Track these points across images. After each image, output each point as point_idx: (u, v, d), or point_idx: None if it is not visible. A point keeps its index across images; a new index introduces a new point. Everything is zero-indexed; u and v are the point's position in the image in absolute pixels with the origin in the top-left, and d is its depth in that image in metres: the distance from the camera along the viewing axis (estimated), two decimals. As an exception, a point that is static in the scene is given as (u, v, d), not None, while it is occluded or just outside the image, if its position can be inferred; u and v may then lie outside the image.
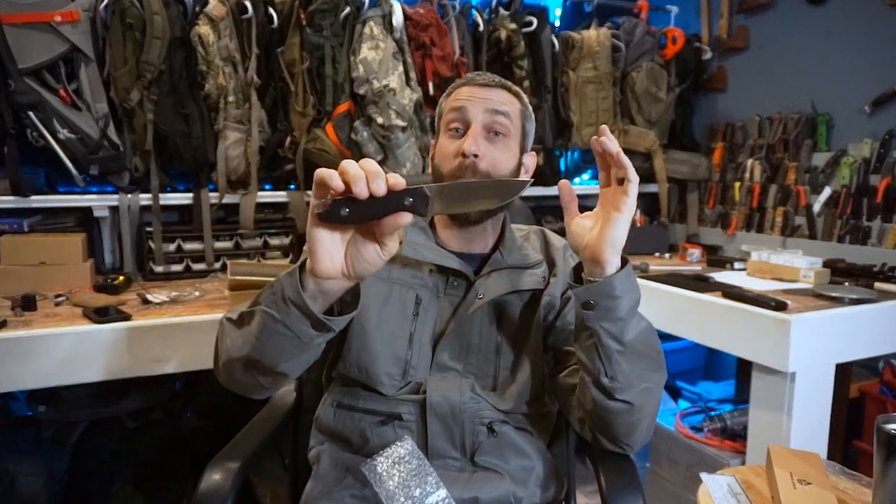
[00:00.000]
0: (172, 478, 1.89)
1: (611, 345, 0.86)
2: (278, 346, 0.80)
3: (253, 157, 2.00)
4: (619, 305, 0.84)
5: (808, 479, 1.00)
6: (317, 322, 0.76)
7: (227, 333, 0.89)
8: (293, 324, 0.77)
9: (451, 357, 1.00)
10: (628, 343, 0.86)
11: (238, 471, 0.95)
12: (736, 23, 2.61)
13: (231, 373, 0.90)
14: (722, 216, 2.61)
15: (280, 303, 0.76)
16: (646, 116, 2.58)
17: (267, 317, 0.78)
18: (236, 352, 0.85)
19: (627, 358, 0.87)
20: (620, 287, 0.83)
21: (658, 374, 0.93)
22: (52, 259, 1.75)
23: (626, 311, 0.85)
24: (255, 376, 0.87)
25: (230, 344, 0.87)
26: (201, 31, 1.87)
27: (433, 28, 2.14)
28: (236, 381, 0.91)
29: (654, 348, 0.92)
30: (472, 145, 0.97)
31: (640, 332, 0.88)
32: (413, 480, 0.89)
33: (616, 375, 0.87)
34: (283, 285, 0.77)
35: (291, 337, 0.78)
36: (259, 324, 0.80)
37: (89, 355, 1.41)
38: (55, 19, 1.74)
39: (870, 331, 1.67)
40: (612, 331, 0.85)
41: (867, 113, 2.14)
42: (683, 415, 2.11)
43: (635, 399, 0.89)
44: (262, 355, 0.82)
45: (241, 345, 0.84)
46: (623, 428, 0.93)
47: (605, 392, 0.89)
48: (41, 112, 1.76)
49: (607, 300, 0.84)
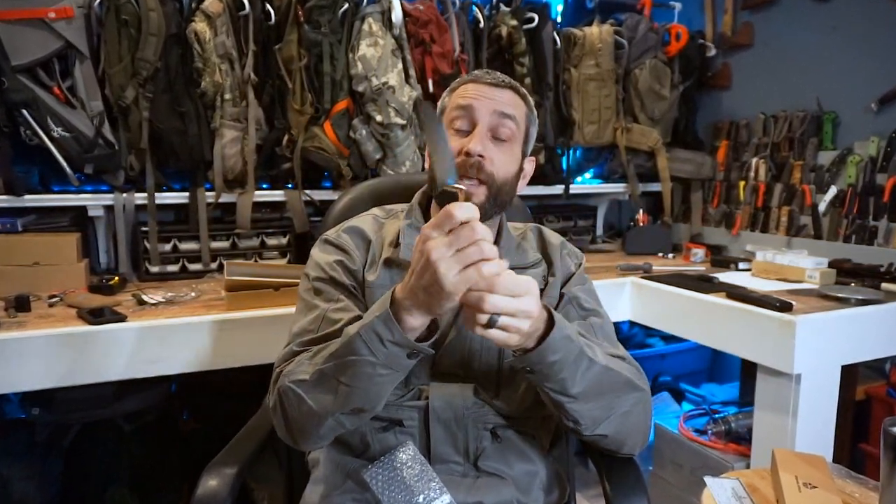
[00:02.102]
0: (168, 481, 1.89)
1: (560, 399, 0.87)
2: (379, 387, 0.83)
3: (250, 155, 1.99)
4: (555, 369, 0.84)
5: (813, 482, 1.00)
6: (413, 352, 0.80)
7: (305, 398, 0.87)
8: (392, 361, 0.80)
9: (453, 363, 0.99)
10: (578, 394, 0.87)
11: (235, 476, 0.95)
12: (740, 19, 2.60)
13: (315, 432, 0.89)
14: (726, 215, 2.59)
15: (376, 345, 0.79)
16: (649, 114, 2.56)
17: (364, 364, 0.80)
18: (330, 408, 0.85)
19: (582, 404, 0.88)
20: (554, 350, 0.82)
21: (633, 395, 0.94)
22: (46, 259, 1.74)
23: (568, 370, 0.84)
24: (345, 424, 0.88)
25: (316, 406, 0.86)
26: (197, 28, 1.86)
27: (433, 24, 2.13)
28: (319, 436, 0.91)
29: (618, 381, 0.92)
30: (479, 145, 0.96)
31: (593, 378, 0.88)
32: (416, 486, 0.89)
33: (577, 419, 0.89)
34: (376, 331, 0.78)
35: (392, 373, 0.82)
36: (354, 374, 0.81)
37: (84, 357, 1.40)
38: (49, 16, 1.72)
39: (876, 332, 1.66)
40: (557, 388, 0.86)
41: (874, 111, 2.12)
42: (687, 417, 2.09)
43: (609, 429, 0.92)
44: (364, 401, 0.84)
45: (335, 399, 0.84)
46: (610, 448, 0.97)
47: (574, 431, 0.92)
48: (35, 110, 1.75)
49: (543, 367, 0.83)
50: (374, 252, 1.03)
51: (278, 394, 0.90)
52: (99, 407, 1.76)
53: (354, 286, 1.00)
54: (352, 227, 1.06)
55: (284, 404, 0.89)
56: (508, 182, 1.01)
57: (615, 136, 2.54)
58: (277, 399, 0.91)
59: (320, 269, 1.01)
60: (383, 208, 1.14)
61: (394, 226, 1.06)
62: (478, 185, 0.97)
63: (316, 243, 1.08)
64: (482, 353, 0.99)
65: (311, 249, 1.07)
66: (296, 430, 0.90)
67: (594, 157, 2.68)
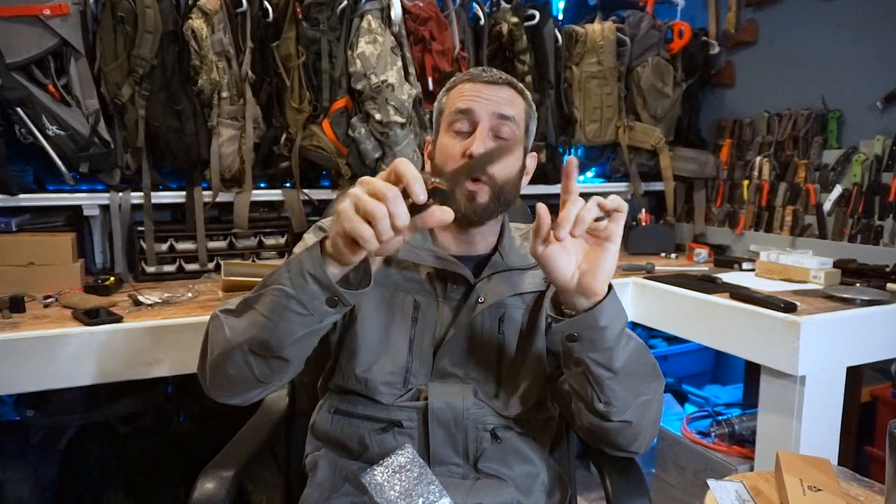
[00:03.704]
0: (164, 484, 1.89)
1: (601, 373, 0.86)
2: (290, 324, 0.79)
3: (247, 154, 1.98)
4: (605, 335, 0.82)
5: (818, 485, 1.00)
6: (331, 298, 0.77)
7: (224, 324, 0.87)
8: (308, 299, 0.77)
9: (452, 363, 0.99)
10: (619, 369, 0.86)
11: (232, 479, 0.95)
12: (744, 16, 2.58)
13: (223, 366, 0.87)
14: (730, 215, 2.58)
15: (297, 277, 0.77)
16: (651, 112, 2.55)
17: (280, 294, 0.78)
18: (239, 337, 0.83)
19: (620, 381, 0.87)
20: (607, 316, 0.81)
21: (655, 383, 0.93)
22: (40, 259, 1.73)
23: (614, 339, 0.83)
24: (252, 367, 0.84)
25: (229, 332, 0.85)
26: (194, 25, 1.85)
27: (433, 22, 2.12)
28: (227, 377, 0.88)
29: (648, 363, 0.92)
30: (481, 147, 0.96)
31: (631, 354, 0.87)
32: (415, 489, 0.89)
33: (611, 400, 0.88)
34: (300, 260, 0.77)
35: (305, 314, 0.78)
36: (270, 303, 0.79)
37: (79, 358, 1.39)
38: (44, 13, 1.71)
39: (882, 333, 1.65)
40: (601, 360, 0.84)
41: (879, 109, 2.11)
42: (690, 419, 2.09)
43: (633, 416, 0.91)
44: (271, 335, 0.80)
45: (247, 327, 0.83)
46: (625, 440, 0.95)
47: (601, 416, 0.90)
48: (29, 108, 1.73)
49: (593, 332, 0.82)
50: None
51: (207, 325, 0.91)
52: (94, 409, 1.77)
53: None
54: None
55: (208, 332, 0.90)
56: (511, 181, 1.01)
57: (617, 134, 2.54)
58: (206, 331, 0.91)
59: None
60: None
61: None
62: (481, 185, 0.98)
63: (310, 229, 1.09)
64: (481, 353, 0.99)
65: (305, 234, 1.08)
66: (211, 365, 0.89)
67: (596, 155, 2.68)
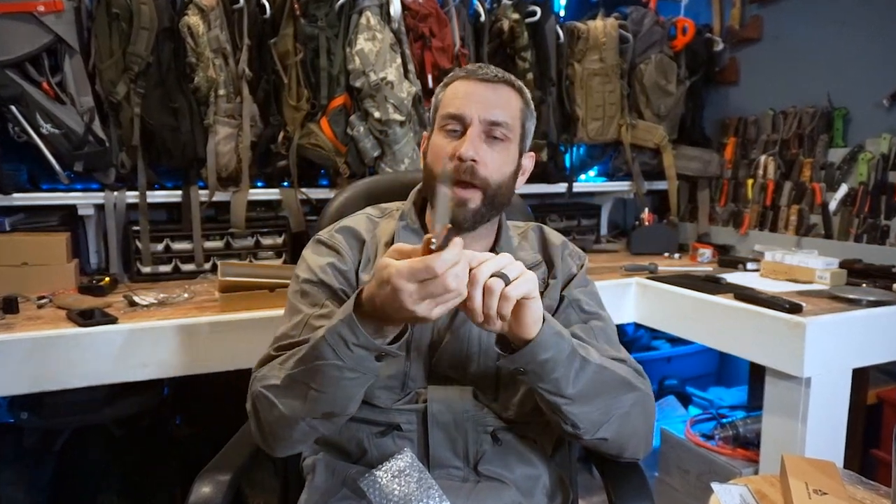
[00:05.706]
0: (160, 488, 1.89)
1: (556, 400, 0.86)
2: (347, 390, 0.83)
3: (244, 152, 1.98)
4: (548, 367, 0.83)
5: (824, 489, 1.00)
6: (379, 355, 0.80)
7: (276, 402, 0.87)
8: (358, 364, 0.79)
9: (450, 366, 0.98)
10: (574, 395, 0.86)
11: (229, 482, 0.95)
12: (749, 13, 2.57)
13: (287, 435, 0.90)
14: (734, 214, 2.57)
15: (342, 349, 0.78)
16: (654, 110, 2.54)
17: (331, 367, 0.80)
18: (300, 413, 0.86)
19: (579, 405, 0.87)
20: (544, 348, 0.81)
21: (630, 395, 0.93)
22: (34, 259, 1.73)
23: (562, 368, 0.84)
24: (318, 429, 0.88)
25: (286, 410, 0.86)
26: (190, 22, 1.84)
27: (432, 18, 2.11)
28: (292, 441, 0.91)
29: (613, 381, 0.91)
30: (470, 149, 0.94)
31: (586, 378, 0.87)
32: (414, 494, 0.89)
33: (576, 423, 0.88)
34: (339, 335, 0.78)
35: (359, 377, 0.81)
36: (323, 377, 0.81)
37: (74, 360, 1.39)
38: (38, 9, 1.71)
39: (888, 334, 1.65)
40: (552, 389, 0.85)
41: (885, 107, 2.10)
42: (694, 422, 2.08)
43: (609, 432, 0.91)
44: (333, 405, 0.84)
45: (305, 404, 0.85)
46: (612, 452, 0.96)
47: (572, 435, 0.91)
48: (23, 106, 1.73)
49: (535, 366, 0.82)
50: (368, 252, 1.03)
51: (252, 399, 0.92)
52: (89, 411, 1.75)
53: (344, 289, 0.99)
54: (345, 227, 1.06)
55: (258, 409, 0.90)
56: (504, 184, 0.99)
57: (620, 132, 2.52)
58: (251, 404, 0.92)
59: (310, 272, 1.01)
60: (377, 207, 1.13)
61: (389, 225, 1.06)
62: (472, 190, 0.96)
63: (308, 244, 1.08)
64: (480, 356, 0.98)
65: (304, 250, 1.07)
66: (269, 435, 0.91)
67: (598, 154, 2.67)
